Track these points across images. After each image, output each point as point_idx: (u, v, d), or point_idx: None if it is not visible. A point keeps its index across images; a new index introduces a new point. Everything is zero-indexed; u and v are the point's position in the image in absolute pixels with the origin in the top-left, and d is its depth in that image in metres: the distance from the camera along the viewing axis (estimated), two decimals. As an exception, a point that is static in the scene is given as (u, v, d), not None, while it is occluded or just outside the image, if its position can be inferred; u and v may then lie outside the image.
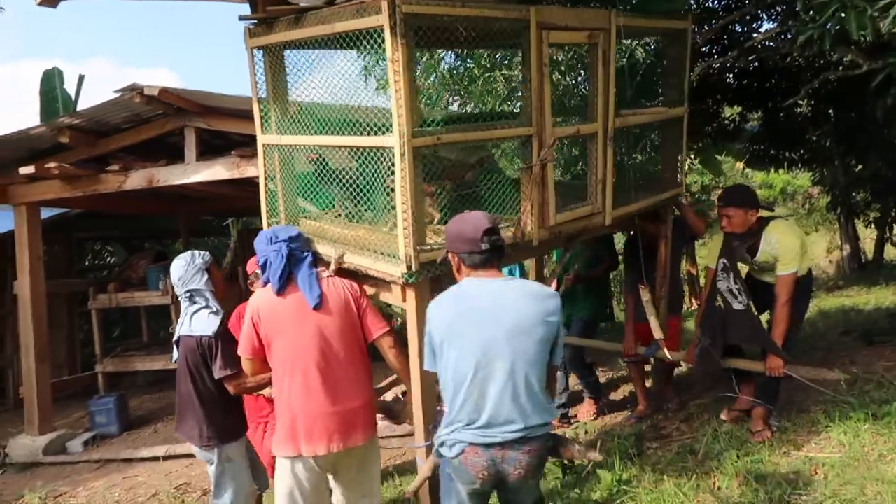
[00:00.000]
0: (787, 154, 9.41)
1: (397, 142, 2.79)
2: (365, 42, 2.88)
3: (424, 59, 7.42)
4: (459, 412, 2.30)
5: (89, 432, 6.68)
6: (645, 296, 4.25)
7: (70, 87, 11.73)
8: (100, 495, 5.13)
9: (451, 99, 7.38)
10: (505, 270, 5.06)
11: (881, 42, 4.40)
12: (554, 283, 5.26)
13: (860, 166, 9.37)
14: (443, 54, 7.33)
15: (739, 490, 3.22)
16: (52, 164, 5.71)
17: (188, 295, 3.26)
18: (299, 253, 2.97)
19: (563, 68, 6.22)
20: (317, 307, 2.85)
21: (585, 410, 5.17)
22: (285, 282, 2.90)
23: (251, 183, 6.18)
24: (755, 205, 3.77)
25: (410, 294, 2.95)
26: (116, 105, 5.25)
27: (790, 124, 8.80)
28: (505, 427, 2.25)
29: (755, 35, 7.00)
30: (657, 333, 4.19)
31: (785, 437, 3.73)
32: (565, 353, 4.88)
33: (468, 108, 7.27)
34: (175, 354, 3.32)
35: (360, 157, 3.15)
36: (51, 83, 11.53)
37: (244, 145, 5.69)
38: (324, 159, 3.46)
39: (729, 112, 9.72)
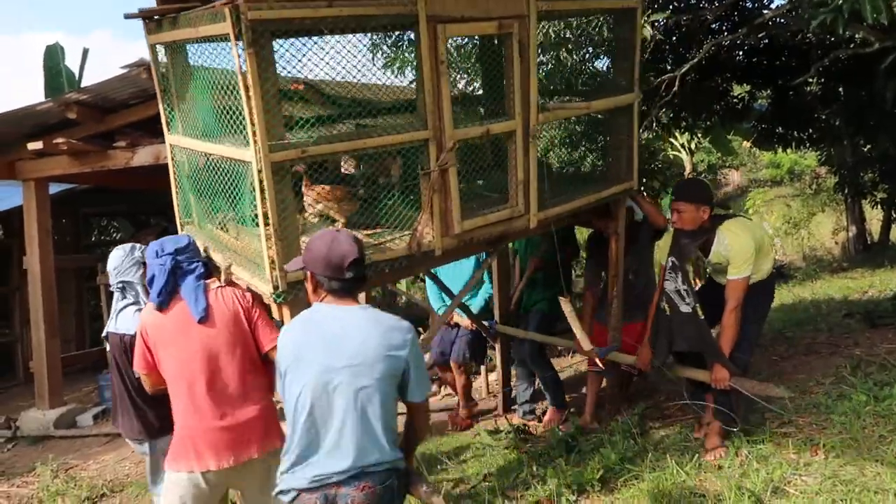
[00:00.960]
0: (795, 133, 9.36)
1: (254, 157, 2.62)
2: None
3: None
4: (296, 446, 2.20)
5: (99, 406, 6.77)
6: (566, 307, 4.11)
7: (73, 60, 11.70)
8: (110, 468, 5.23)
9: (458, 76, 7.33)
10: (471, 261, 5.05)
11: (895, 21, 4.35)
12: (517, 271, 5.23)
13: (869, 146, 9.31)
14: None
15: (741, 470, 3.26)
16: (59, 140, 5.72)
17: (120, 287, 3.22)
18: (186, 265, 2.89)
19: (570, 46, 6.09)
20: (202, 320, 2.79)
21: (549, 420, 4.86)
22: (168, 296, 2.84)
23: (257, 160, 6.18)
24: (707, 201, 3.54)
25: (286, 311, 2.82)
26: (123, 81, 5.24)
27: (799, 103, 8.74)
28: (338, 465, 2.15)
29: (766, 11, 6.93)
30: (585, 344, 4.05)
31: (786, 417, 3.77)
32: (525, 348, 4.85)
33: (475, 87, 7.23)
34: (108, 347, 3.33)
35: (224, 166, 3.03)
36: (54, 58, 11.49)
37: (250, 123, 5.67)
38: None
39: (738, 90, 9.65)
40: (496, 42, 4.23)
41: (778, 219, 13.93)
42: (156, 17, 3.20)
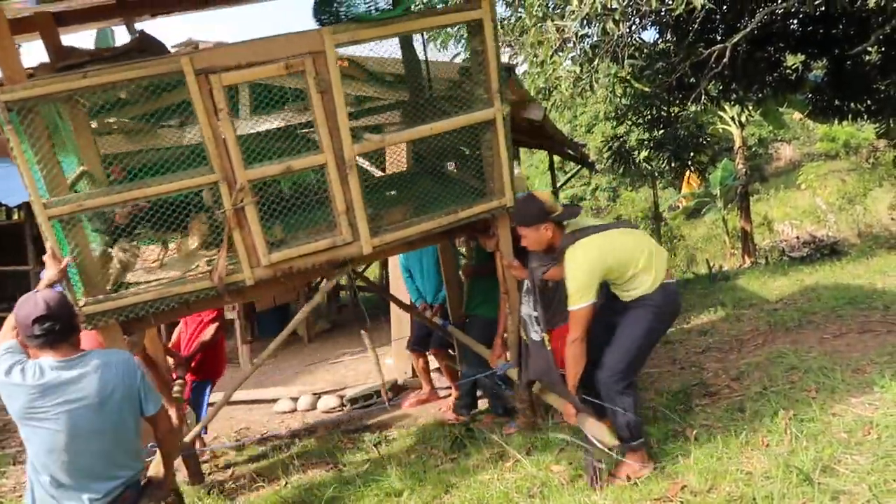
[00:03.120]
0: (852, 105, 9.03)
1: (36, 212, 2.95)
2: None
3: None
4: (49, 487, 2.47)
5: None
6: (366, 340, 4.02)
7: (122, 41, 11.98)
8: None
9: (502, 50, 7.26)
10: (431, 253, 5.05)
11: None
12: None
13: (931, 118, 8.94)
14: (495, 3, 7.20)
15: (789, 448, 3.21)
16: (111, 120, 5.87)
17: None
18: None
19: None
20: None
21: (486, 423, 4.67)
22: None
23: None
24: (540, 219, 3.24)
25: (102, 335, 3.22)
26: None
27: (857, 73, 8.42)
28: (99, 489, 2.50)
29: (823, -22, 6.66)
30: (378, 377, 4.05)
31: (837, 396, 3.69)
32: (467, 356, 4.76)
33: (518, 60, 7.15)
34: None
35: None
36: (105, 41, 11.75)
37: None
38: None
39: (791, 60, 9.34)
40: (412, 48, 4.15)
41: (832, 194, 13.51)
42: None
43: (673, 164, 10.07)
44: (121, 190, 3.06)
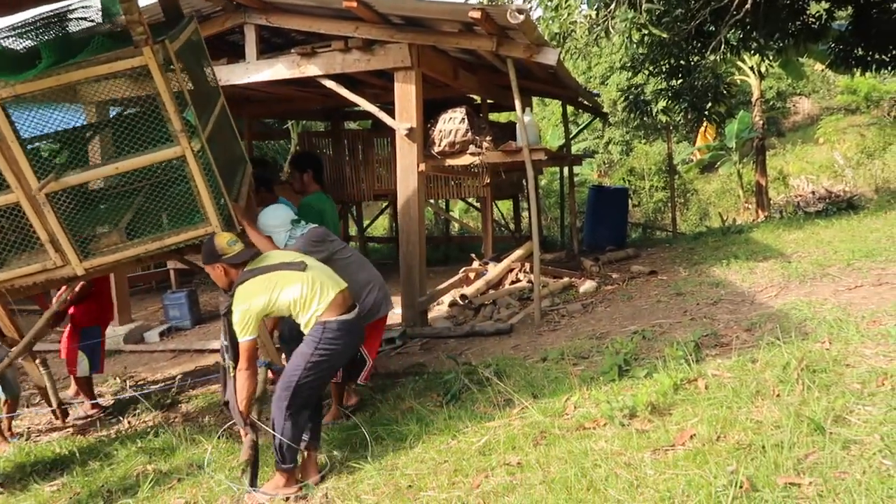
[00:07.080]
0: (876, 55, 8.76)
1: None
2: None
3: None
4: None
5: (164, 324, 7.07)
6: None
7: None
8: (176, 382, 5.49)
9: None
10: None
11: None
12: None
13: (959, 69, 8.68)
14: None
15: (801, 398, 3.18)
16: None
17: None
18: None
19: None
20: None
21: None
22: None
23: (312, 83, 6.14)
24: (212, 259, 3.49)
25: None
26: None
27: (884, 22, 8.14)
28: None
29: (853, -81, 6.38)
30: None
31: (851, 348, 3.65)
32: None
33: (532, 5, 6.95)
34: None
35: None
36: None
37: (304, 43, 5.61)
38: None
39: (815, 8, 9.05)
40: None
41: (850, 148, 13.24)
42: None
43: (690, 116, 9.85)
44: None
